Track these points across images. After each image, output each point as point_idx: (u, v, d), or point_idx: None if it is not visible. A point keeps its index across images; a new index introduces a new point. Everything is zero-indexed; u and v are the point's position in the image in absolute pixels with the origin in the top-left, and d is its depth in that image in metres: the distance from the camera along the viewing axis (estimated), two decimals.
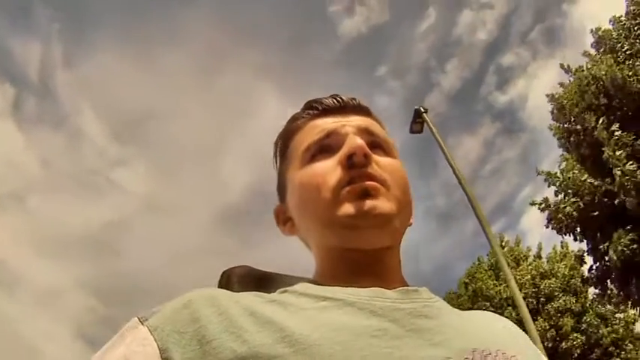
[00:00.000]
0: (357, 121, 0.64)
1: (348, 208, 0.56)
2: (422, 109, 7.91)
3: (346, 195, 0.57)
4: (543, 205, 8.11)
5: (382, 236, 0.57)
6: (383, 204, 0.56)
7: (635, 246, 6.96)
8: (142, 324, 0.47)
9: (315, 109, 0.66)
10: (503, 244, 14.62)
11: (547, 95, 8.75)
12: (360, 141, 0.58)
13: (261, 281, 0.60)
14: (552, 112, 8.56)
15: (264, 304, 0.50)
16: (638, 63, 7.52)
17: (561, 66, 8.64)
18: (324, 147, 0.62)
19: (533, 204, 8.23)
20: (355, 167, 0.58)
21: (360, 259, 0.57)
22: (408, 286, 0.56)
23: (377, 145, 0.63)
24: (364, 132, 0.63)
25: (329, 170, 0.59)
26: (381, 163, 0.60)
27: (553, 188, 7.97)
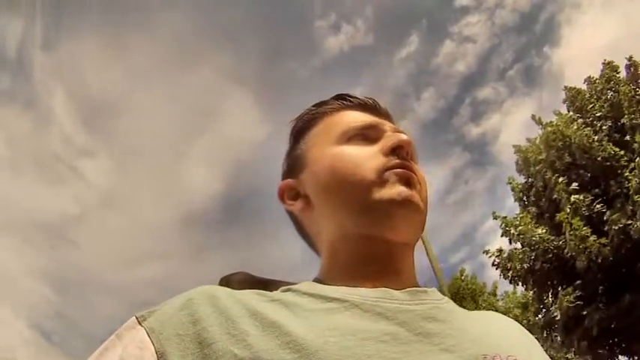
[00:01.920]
0: (392, 125, 0.65)
1: (391, 190, 0.55)
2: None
3: (391, 177, 0.56)
4: (497, 255, 8.22)
5: (413, 228, 0.57)
6: (419, 197, 0.57)
7: (580, 302, 7.14)
8: (140, 324, 0.46)
9: (349, 101, 0.66)
10: (463, 277, 14.82)
11: (514, 146, 8.96)
12: (406, 136, 0.59)
13: (261, 288, 0.56)
14: (517, 163, 8.76)
15: (267, 303, 0.48)
16: (605, 127, 7.74)
17: (533, 117, 8.85)
18: (364, 135, 0.61)
19: (486, 253, 8.32)
20: (399, 158, 0.58)
21: (381, 251, 0.56)
22: (418, 287, 0.55)
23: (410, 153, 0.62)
24: (404, 134, 0.62)
25: (371, 155, 0.58)
26: (415, 167, 0.60)
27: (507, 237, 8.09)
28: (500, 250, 8.27)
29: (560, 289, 7.62)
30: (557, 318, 7.84)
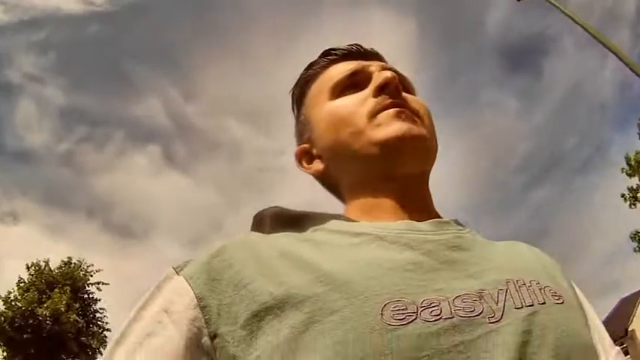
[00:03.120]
0: (380, 63, 0.66)
1: (386, 130, 0.56)
2: None
3: (383, 117, 0.57)
4: None
5: (420, 157, 0.58)
6: (419, 127, 0.57)
7: None
8: (178, 274, 0.48)
9: (335, 55, 0.67)
10: None
11: None
12: (391, 73, 0.59)
13: (294, 221, 0.58)
14: None
15: (297, 243, 0.50)
16: None
17: None
18: (352, 84, 0.62)
19: None
20: (390, 96, 0.58)
21: (397, 187, 0.57)
22: (440, 218, 0.56)
23: (402, 83, 0.62)
24: (390, 70, 0.62)
25: (361, 100, 0.59)
26: (409, 99, 0.60)
27: None
28: None
29: None
30: None
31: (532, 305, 0.44)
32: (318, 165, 0.65)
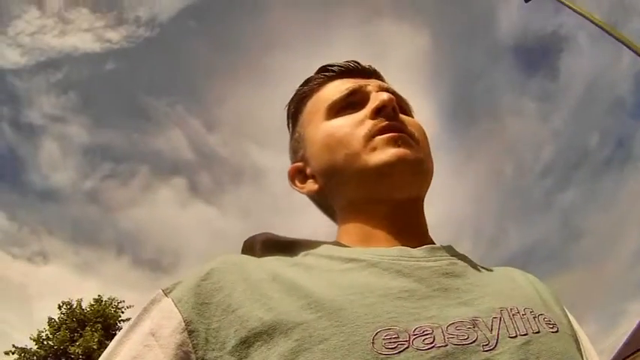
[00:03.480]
0: (377, 82, 0.65)
1: (381, 155, 0.55)
2: None
3: (379, 142, 0.56)
4: None
5: (415, 183, 0.57)
6: (414, 152, 0.57)
7: None
8: (167, 296, 0.47)
9: (332, 71, 0.66)
10: None
11: None
12: (388, 95, 0.59)
13: (284, 247, 0.57)
14: None
15: (287, 267, 0.49)
16: None
17: None
18: (349, 104, 0.62)
19: None
20: (386, 119, 0.58)
21: (391, 211, 0.57)
22: (434, 243, 0.56)
23: (399, 104, 0.62)
24: (387, 91, 0.62)
25: (358, 122, 0.59)
26: (406, 121, 0.61)
27: None
28: None
29: None
30: None
31: (526, 334, 0.43)
32: (311, 185, 0.64)
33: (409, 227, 0.57)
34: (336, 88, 0.64)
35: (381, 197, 0.57)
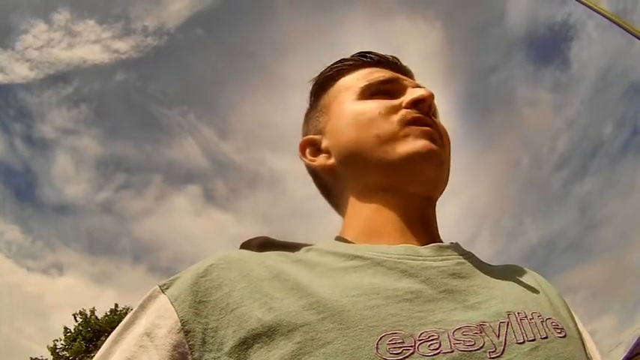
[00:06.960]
0: (413, 81, 0.65)
1: (414, 144, 0.54)
2: None
3: (413, 131, 0.55)
4: None
5: (434, 182, 0.57)
6: (442, 152, 0.56)
7: None
8: (163, 292, 0.45)
9: (371, 58, 0.66)
10: None
11: None
12: (427, 90, 0.58)
13: (282, 249, 0.55)
14: None
15: (289, 264, 0.47)
16: None
17: None
18: (385, 90, 0.61)
19: None
20: (421, 112, 0.57)
21: (405, 205, 0.55)
22: (442, 242, 0.54)
23: (432, 107, 0.61)
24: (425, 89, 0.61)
25: (393, 107, 0.58)
26: (437, 123, 0.60)
27: None
28: None
29: None
30: None
31: (534, 340, 0.42)
32: (324, 159, 0.62)
33: (419, 224, 0.56)
34: (375, 73, 0.63)
35: (400, 187, 0.55)
